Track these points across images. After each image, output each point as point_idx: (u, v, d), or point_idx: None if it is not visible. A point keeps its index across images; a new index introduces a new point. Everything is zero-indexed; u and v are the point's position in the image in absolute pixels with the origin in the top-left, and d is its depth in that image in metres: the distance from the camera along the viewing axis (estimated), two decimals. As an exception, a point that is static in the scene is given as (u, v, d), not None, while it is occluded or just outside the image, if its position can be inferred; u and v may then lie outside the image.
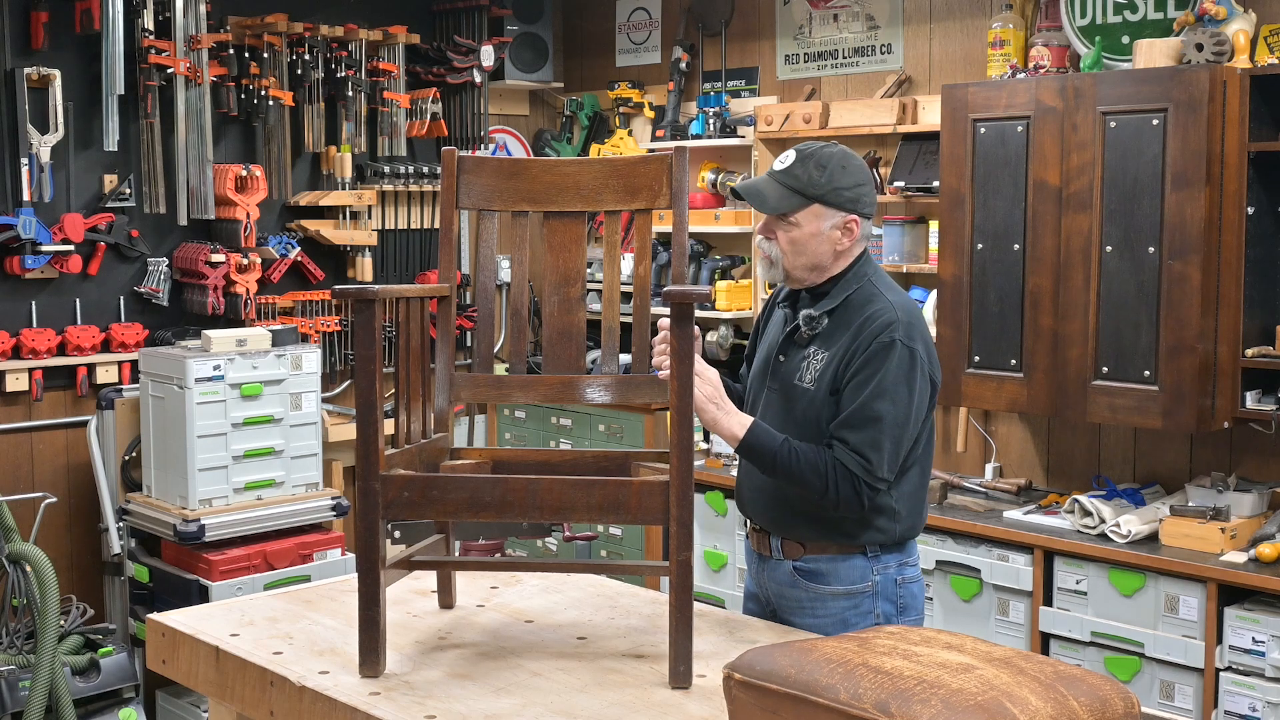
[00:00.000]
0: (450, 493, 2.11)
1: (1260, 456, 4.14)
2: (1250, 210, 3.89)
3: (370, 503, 2.11)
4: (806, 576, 2.64)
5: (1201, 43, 3.93)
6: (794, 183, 2.58)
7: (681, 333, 2.04)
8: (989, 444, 4.76)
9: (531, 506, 2.09)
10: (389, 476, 2.12)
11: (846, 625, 2.60)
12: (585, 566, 2.67)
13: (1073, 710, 1.52)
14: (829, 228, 2.59)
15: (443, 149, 2.56)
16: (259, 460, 4.52)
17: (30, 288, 4.70)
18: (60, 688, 4.06)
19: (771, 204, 2.60)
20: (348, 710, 2.04)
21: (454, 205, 2.53)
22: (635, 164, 2.50)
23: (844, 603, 2.62)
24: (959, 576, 4.30)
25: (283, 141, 5.19)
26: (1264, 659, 3.68)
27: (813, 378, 2.59)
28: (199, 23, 4.81)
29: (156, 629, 2.47)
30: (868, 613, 2.62)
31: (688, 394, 2.04)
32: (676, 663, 2.07)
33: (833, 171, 2.58)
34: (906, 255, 4.77)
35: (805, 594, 2.64)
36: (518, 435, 5.82)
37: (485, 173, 2.53)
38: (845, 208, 2.60)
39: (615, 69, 6.02)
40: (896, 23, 5.01)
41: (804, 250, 2.61)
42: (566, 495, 2.07)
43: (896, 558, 2.64)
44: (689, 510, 2.04)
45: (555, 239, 2.51)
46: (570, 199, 2.51)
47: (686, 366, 2.05)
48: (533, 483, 2.09)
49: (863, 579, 2.61)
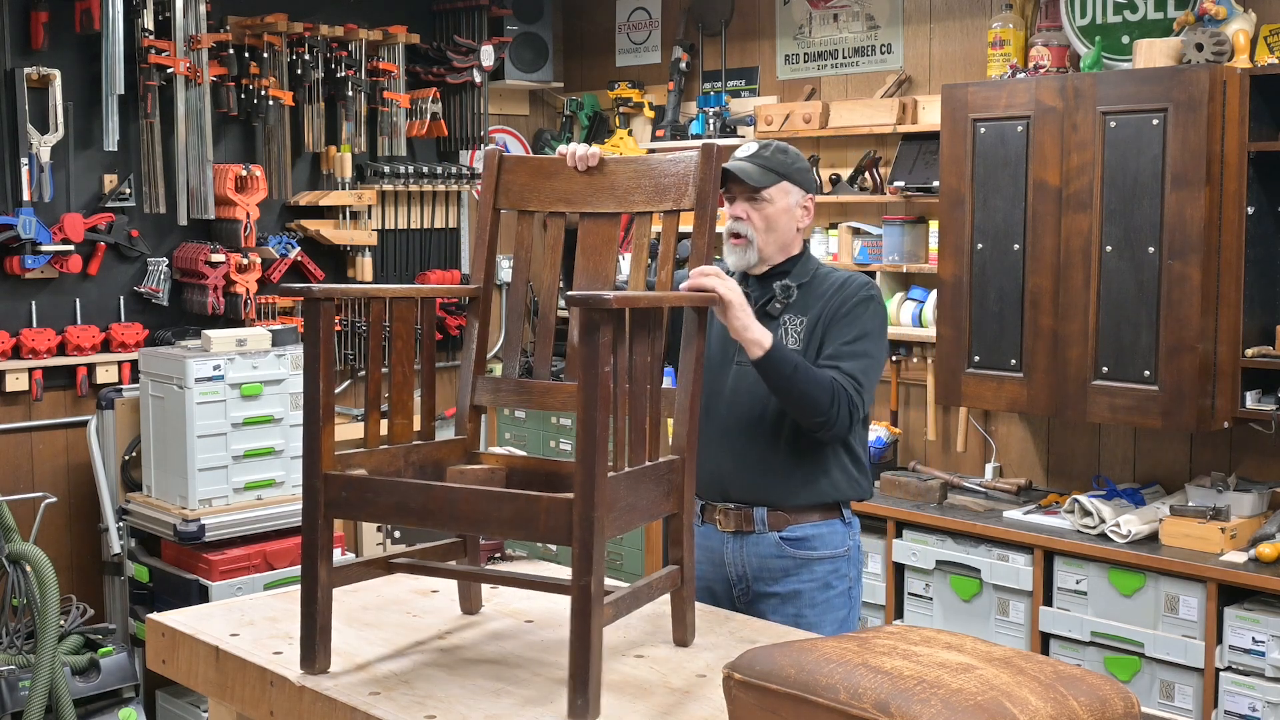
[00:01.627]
0: (382, 496, 2.12)
1: (1260, 456, 4.14)
2: (1250, 210, 3.89)
3: (312, 500, 2.15)
4: (793, 544, 2.84)
5: (1201, 43, 3.93)
6: (767, 163, 2.86)
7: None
8: (989, 444, 4.76)
9: (450, 517, 2.05)
10: (330, 476, 2.15)
11: (829, 587, 2.86)
12: (505, 579, 2.53)
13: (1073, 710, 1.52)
14: (794, 204, 2.88)
15: (485, 149, 2.56)
16: (259, 460, 4.52)
17: (30, 288, 4.70)
18: (60, 688, 4.06)
19: (756, 179, 2.84)
20: (348, 710, 2.04)
21: (491, 205, 2.49)
22: (663, 164, 2.44)
23: (827, 566, 2.85)
24: (959, 576, 4.30)
25: (283, 141, 5.19)
26: (1264, 659, 3.68)
27: (796, 341, 2.82)
28: (199, 23, 4.81)
29: (156, 629, 2.46)
30: (844, 575, 2.88)
31: (593, 406, 1.90)
32: (575, 695, 1.94)
33: (791, 156, 2.90)
34: (906, 255, 4.77)
35: (792, 561, 2.84)
36: (518, 435, 5.82)
37: (524, 172, 2.50)
38: (805, 186, 2.90)
39: (615, 69, 6.02)
40: (896, 23, 5.01)
41: (775, 226, 2.86)
42: (480, 507, 2.03)
43: (857, 523, 2.94)
44: (591, 531, 1.91)
45: (588, 241, 2.42)
46: (604, 200, 2.44)
47: (592, 374, 1.95)
48: (452, 493, 2.06)
49: (841, 544, 2.88)
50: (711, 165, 2.33)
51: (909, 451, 4.98)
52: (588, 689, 1.93)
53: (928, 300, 4.72)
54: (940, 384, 4.44)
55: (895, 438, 4.92)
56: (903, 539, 4.45)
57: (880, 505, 4.52)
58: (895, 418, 5.00)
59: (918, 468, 4.74)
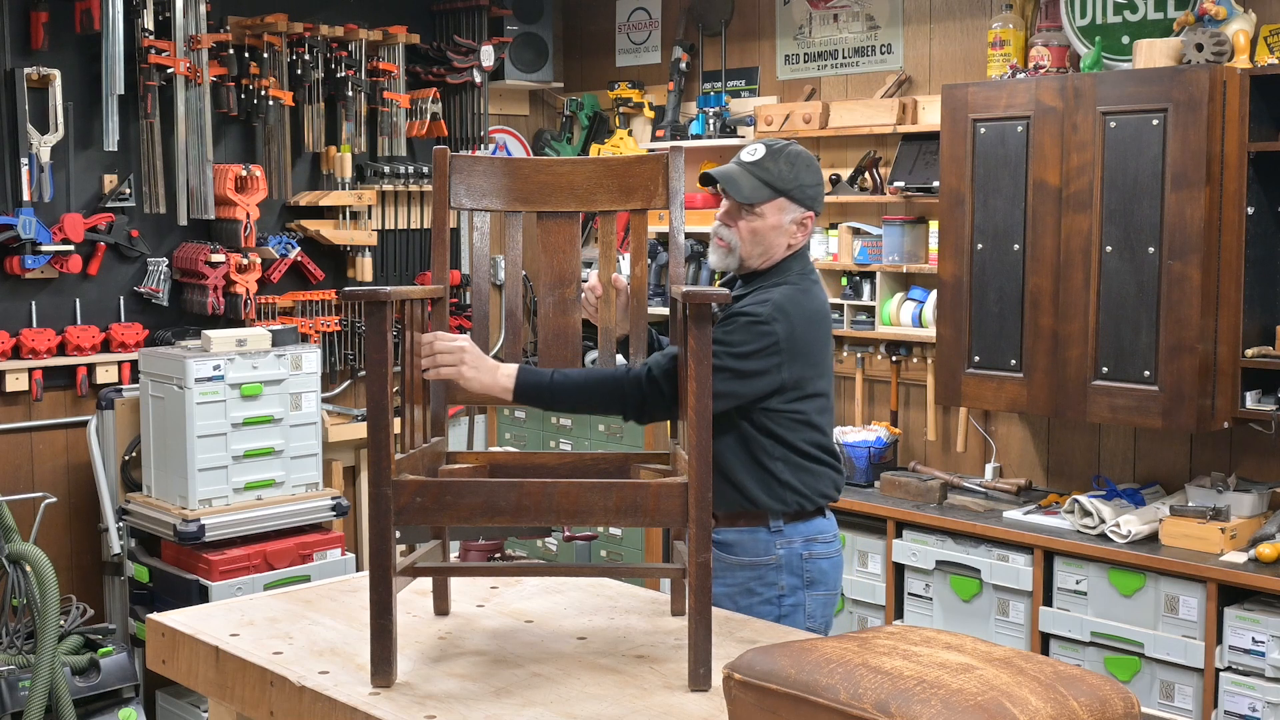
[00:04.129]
0: (465, 498, 2.07)
1: (1260, 456, 4.14)
2: (1250, 210, 3.89)
3: (382, 509, 2.06)
4: (719, 547, 2.79)
5: (1201, 43, 3.93)
6: (765, 175, 2.75)
7: (699, 333, 2.04)
8: (989, 444, 4.76)
9: (548, 510, 2.05)
10: (401, 482, 2.08)
11: (751, 593, 2.78)
12: (595, 570, 2.65)
13: (1073, 710, 1.52)
14: (788, 221, 2.77)
15: (434, 149, 2.55)
16: (259, 460, 4.52)
17: (30, 288, 4.70)
18: (60, 688, 4.06)
19: (745, 193, 2.75)
20: (347, 710, 2.04)
21: (446, 205, 2.52)
22: (630, 164, 2.49)
23: (748, 573, 2.78)
24: (959, 576, 4.30)
25: (283, 141, 5.19)
26: (1264, 659, 3.68)
27: None
28: (199, 23, 4.81)
29: (156, 629, 2.46)
30: (771, 584, 2.79)
31: (706, 394, 2.03)
32: (696, 665, 2.05)
33: (800, 169, 2.77)
34: (906, 255, 4.77)
35: (718, 563, 2.79)
36: (517, 435, 5.82)
37: (477, 173, 2.52)
38: (805, 204, 2.79)
39: (615, 69, 6.02)
40: (896, 23, 5.01)
41: (762, 240, 2.77)
42: (583, 498, 2.05)
43: (802, 533, 2.80)
44: (707, 512, 2.03)
45: (550, 240, 2.50)
46: (564, 199, 2.49)
47: (705, 369, 2.05)
48: (549, 486, 2.06)
49: (766, 552, 2.78)
50: (680, 165, 2.45)
51: (909, 452, 4.98)
52: (710, 659, 2.05)
53: (928, 300, 4.72)
54: (940, 384, 4.44)
55: (895, 438, 4.92)
56: (903, 539, 4.45)
57: (880, 505, 4.52)
58: (895, 418, 5.00)
59: (918, 468, 4.74)
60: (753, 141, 2.83)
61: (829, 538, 2.85)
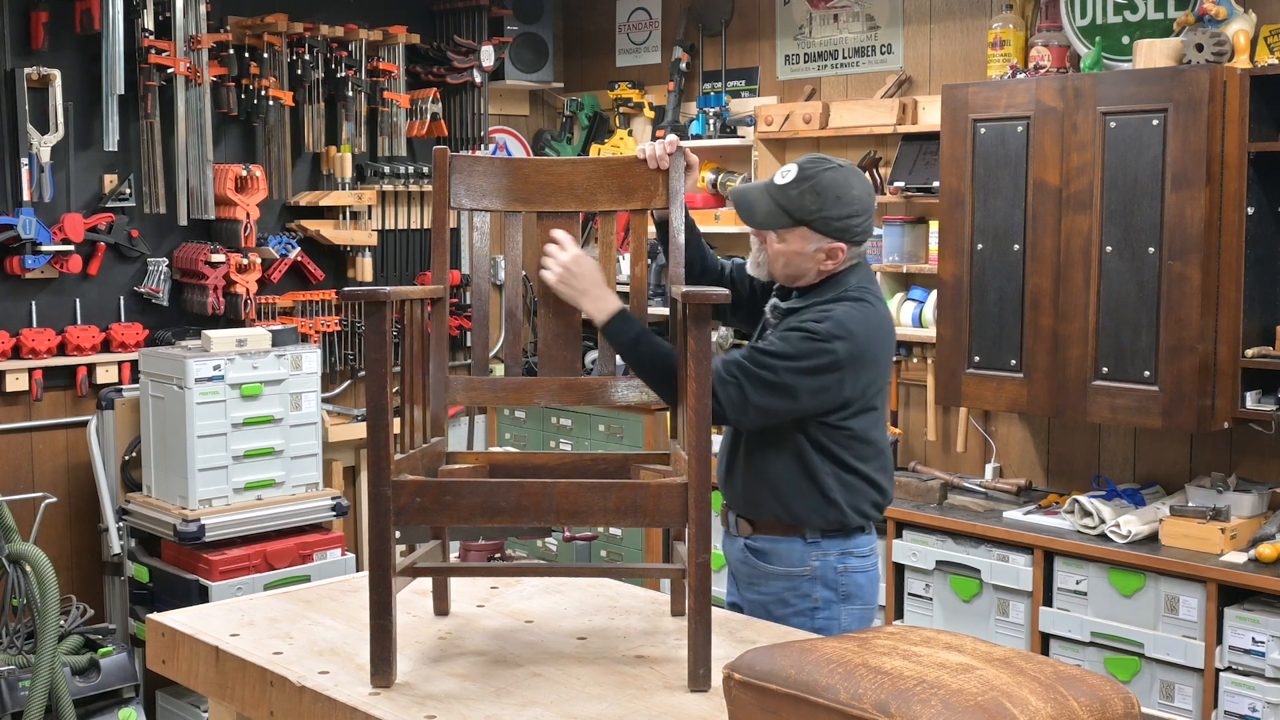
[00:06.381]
0: (464, 498, 2.07)
1: (1260, 456, 4.14)
2: (1250, 210, 3.89)
3: (382, 509, 2.06)
4: (754, 554, 2.79)
5: (1201, 43, 3.93)
6: (785, 202, 2.65)
7: (699, 334, 2.04)
8: (989, 444, 4.76)
9: (548, 511, 2.05)
10: (400, 482, 2.08)
11: (785, 604, 2.76)
12: (596, 570, 2.66)
13: (1073, 710, 1.52)
14: (813, 249, 2.67)
15: (434, 149, 2.55)
16: (259, 460, 4.52)
17: (30, 288, 4.70)
18: (60, 688, 4.06)
19: (759, 219, 2.69)
20: (347, 710, 2.04)
21: (446, 205, 2.52)
22: (630, 164, 2.49)
23: (783, 583, 2.76)
24: (959, 577, 4.30)
25: (283, 141, 5.19)
26: (1264, 659, 3.68)
27: None
28: (199, 23, 4.81)
29: (156, 629, 2.46)
30: (805, 595, 2.76)
31: (706, 395, 2.03)
32: (696, 666, 2.06)
33: (826, 201, 2.63)
34: (906, 255, 4.77)
35: (753, 570, 2.80)
36: (518, 435, 5.82)
37: (477, 173, 2.52)
38: (832, 235, 2.66)
39: (615, 69, 6.02)
40: (896, 23, 5.01)
41: (788, 264, 2.71)
42: (583, 499, 2.05)
43: (838, 545, 2.75)
44: (707, 512, 2.03)
45: (549, 240, 2.50)
46: (564, 199, 2.49)
47: (705, 369, 2.05)
48: (549, 486, 2.06)
49: (801, 562, 2.75)
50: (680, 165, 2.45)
51: (909, 452, 4.98)
52: (710, 659, 2.06)
53: (928, 300, 4.72)
54: (940, 384, 4.44)
55: (895, 438, 4.92)
56: (903, 539, 4.45)
57: (880, 505, 4.52)
58: (895, 418, 5.00)
59: (918, 468, 4.74)
60: (805, 157, 2.67)
61: (865, 551, 2.80)
